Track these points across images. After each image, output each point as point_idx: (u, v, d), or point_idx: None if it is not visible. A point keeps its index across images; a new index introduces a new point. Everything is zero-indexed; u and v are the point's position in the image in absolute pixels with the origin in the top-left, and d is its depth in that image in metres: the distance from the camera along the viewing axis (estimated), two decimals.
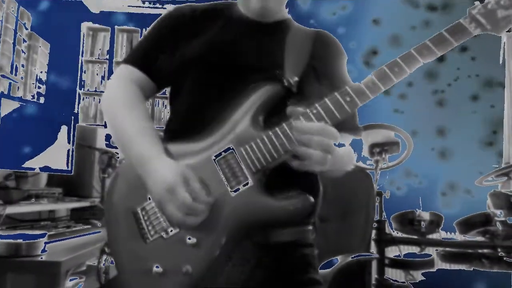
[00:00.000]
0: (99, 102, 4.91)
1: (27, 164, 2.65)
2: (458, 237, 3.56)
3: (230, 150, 1.16)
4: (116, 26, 5.09)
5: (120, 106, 1.31)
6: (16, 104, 2.59)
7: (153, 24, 1.43)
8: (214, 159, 1.16)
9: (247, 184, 1.13)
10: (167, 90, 1.48)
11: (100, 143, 3.19)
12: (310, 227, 1.35)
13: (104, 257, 1.27)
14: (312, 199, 1.13)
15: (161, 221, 1.17)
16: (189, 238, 1.13)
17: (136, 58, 1.39)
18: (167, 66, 1.36)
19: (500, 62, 4.73)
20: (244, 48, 1.33)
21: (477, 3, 1.17)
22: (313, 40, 1.38)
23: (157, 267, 1.13)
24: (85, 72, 5.05)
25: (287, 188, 1.15)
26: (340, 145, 1.21)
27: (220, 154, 1.17)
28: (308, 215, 1.29)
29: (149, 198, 1.20)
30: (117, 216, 1.24)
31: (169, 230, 1.16)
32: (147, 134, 1.25)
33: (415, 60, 1.13)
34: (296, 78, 1.24)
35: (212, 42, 1.34)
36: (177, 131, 1.31)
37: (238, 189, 1.14)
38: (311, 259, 1.32)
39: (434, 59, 1.14)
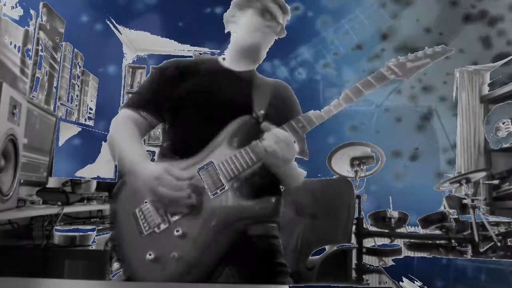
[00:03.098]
0: None
1: (80, 173, 2.66)
2: (420, 231, 3.55)
3: (211, 164, 1.21)
4: (150, 65, 5.12)
5: (117, 133, 1.36)
6: (72, 126, 2.63)
7: (146, 77, 1.49)
8: (198, 171, 1.20)
9: (223, 188, 1.18)
10: None
11: None
12: (275, 225, 1.38)
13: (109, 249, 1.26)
14: (273, 200, 1.17)
15: (154, 218, 1.18)
16: (177, 231, 1.14)
17: (133, 104, 1.42)
18: (158, 108, 1.41)
19: (453, 94, 4.73)
20: (222, 88, 1.39)
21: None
22: (272, 86, 1.46)
23: (150, 254, 1.13)
24: None
25: (256, 193, 1.20)
26: None
27: (203, 167, 1.21)
28: (273, 215, 1.32)
29: (145, 202, 1.20)
30: (120, 217, 1.24)
31: (160, 225, 1.17)
32: (136, 149, 1.30)
33: (349, 99, 1.25)
34: (262, 112, 1.32)
35: (196, 84, 1.40)
36: (169, 153, 1.33)
37: (216, 192, 1.18)
38: (278, 248, 1.35)
39: (362, 97, 1.26)
